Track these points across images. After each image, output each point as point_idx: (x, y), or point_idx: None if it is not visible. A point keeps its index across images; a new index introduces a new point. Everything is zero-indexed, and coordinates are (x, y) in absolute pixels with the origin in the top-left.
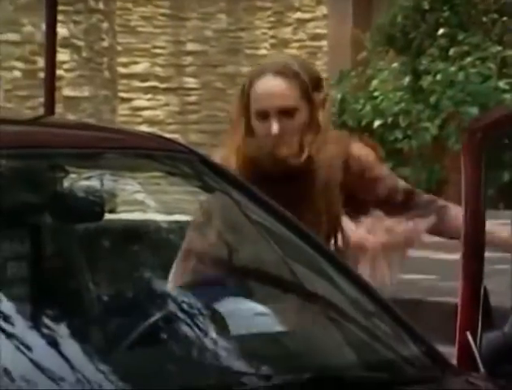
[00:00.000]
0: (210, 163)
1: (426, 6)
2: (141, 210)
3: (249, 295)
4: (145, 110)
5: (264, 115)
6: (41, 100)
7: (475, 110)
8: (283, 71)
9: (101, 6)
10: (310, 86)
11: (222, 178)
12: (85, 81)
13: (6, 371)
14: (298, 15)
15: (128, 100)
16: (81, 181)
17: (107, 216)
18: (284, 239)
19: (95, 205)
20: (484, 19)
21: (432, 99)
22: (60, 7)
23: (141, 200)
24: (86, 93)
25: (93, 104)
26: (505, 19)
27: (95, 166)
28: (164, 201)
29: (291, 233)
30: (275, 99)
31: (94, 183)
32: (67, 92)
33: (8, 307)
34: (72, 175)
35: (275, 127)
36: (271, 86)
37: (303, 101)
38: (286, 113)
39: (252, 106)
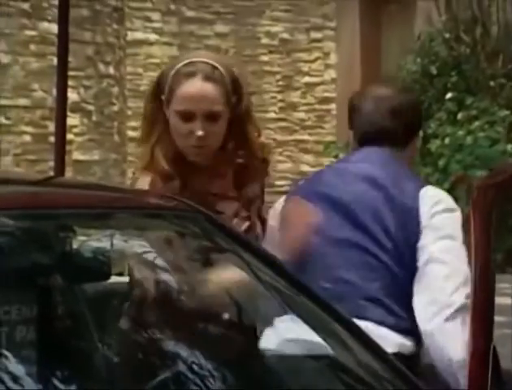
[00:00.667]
0: (215, 222)
1: (434, 71)
2: (151, 270)
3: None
4: None
5: (189, 117)
6: (51, 164)
7: (483, 174)
8: (213, 76)
9: (111, 71)
10: (231, 91)
11: (228, 237)
12: (95, 145)
13: None
14: (307, 79)
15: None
16: (89, 241)
17: (116, 279)
18: (292, 298)
19: (102, 265)
20: (492, 83)
21: (441, 163)
22: (71, 73)
23: (151, 260)
24: (96, 157)
25: (102, 167)
26: None
27: (102, 226)
28: (173, 261)
29: (299, 293)
30: (203, 102)
31: (102, 243)
32: (77, 156)
33: (17, 370)
34: (80, 236)
35: (200, 130)
36: (200, 90)
37: (226, 106)
38: (210, 117)
39: (174, 105)
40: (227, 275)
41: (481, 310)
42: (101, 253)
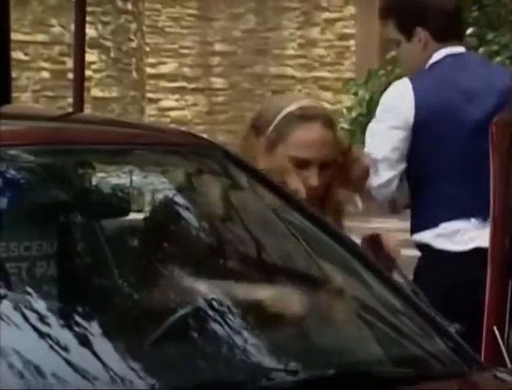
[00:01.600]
0: (234, 158)
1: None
2: (169, 209)
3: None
4: (173, 111)
5: (303, 163)
6: (70, 100)
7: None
8: (331, 122)
9: (129, 6)
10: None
11: (246, 173)
12: (113, 82)
13: (38, 369)
14: (326, 15)
15: (156, 100)
16: (108, 178)
17: (135, 215)
18: (310, 234)
19: (121, 201)
20: None
21: None
22: (89, 8)
23: (170, 197)
24: (114, 94)
25: (121, 104)
26: None
27: (121, 163)
28: (192, 198)
29: (318, 229)
30: (322, 151)
31: (121, 179)
32: (96, 92)
33: (38, 305)
34: (99, 172)
35: (315, 180)
36: (321, 136)
37: (338, 153)
38: (325, 165)
39: (287, 149)
40: None
41: (500, 245)
42: (121, 190)
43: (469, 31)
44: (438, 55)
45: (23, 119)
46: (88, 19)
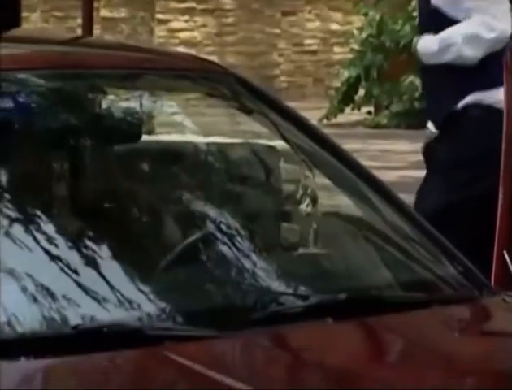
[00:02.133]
0: (245, 83)
1: None
2: (179, 132)
3: (287, 215)
4: (183, 32)
5: None
6: (79, 21)
7: None
8: None
9: None
10: None
11: (258, 98)
12: (123, 2)
13: (49, 291)
14: None
15: (166, 21)
16: (120, 102)
17: (145, 138)
18: (321, 159)
19: (132, 125)
20: None
21: None
22: None
23: (179, 121)
24: (123, 14)
25: (130, 25)
26: None
27: (134, 87)
28: (202, 123)
29: (328, 154)
30: None
31: (132, 104)
32: (105, 13)
33: (50, 228)
34: (111, 96)
35: None
36: None
37: None
38: None
39: None
40: None
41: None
42: (132, 114)
43: None
44: None
45: (33, 42)
46: None
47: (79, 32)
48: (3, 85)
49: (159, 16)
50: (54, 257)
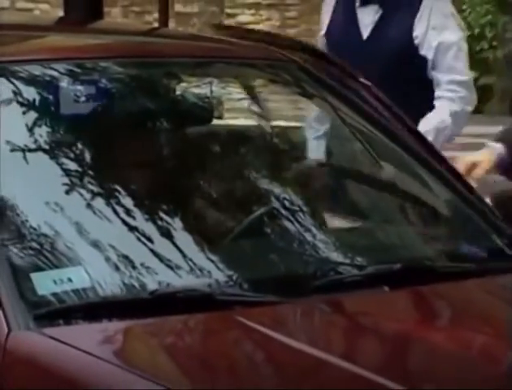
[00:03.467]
0: (308, 70)
1: None
2: (246, 116)
3: (343, 192)
4: (249, 25)
5: None
6: (156, 15)
7: None
8: None
9: None
10: None
11: (320, 84)
12: None
13: (129, 260)
14: None
15: (234, 15)
16: (192, 88)
17: (215, 122)
18: (378, 142)
19: (203, 110)
20: None
21: None
22: None
23: (246, 106)
24: (196, 9)
25: (201, 19)
26: None
27: (204, 75)
28: (267, 108)
29: (385, 137)
30: None
31: (204, 90)
32: (179, 8)
33: (130, 204)
34: (184, 83)
35: None
36: None
37: None
38: None
39: None
40: None
41: None
42: (203, 99)
43: None
44: None
45: (114, 33)
46: None
47: (155, 25)
48: (89, 73)
49: (228, 11)
50: (134, 230)
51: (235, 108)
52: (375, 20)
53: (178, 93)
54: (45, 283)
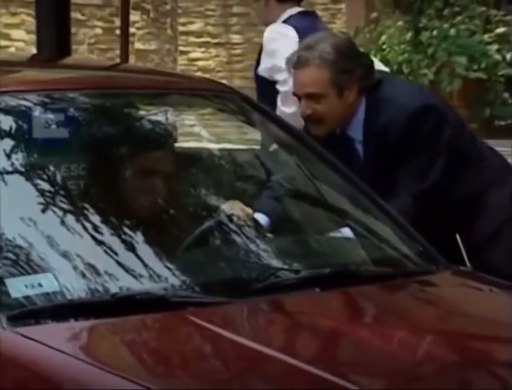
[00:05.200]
0: (249, 101)
1: None
2: (197, 140)
3: (281, 206)
4: (200, 61)
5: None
6: (118, 52)
7: (464, 60)
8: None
9: None
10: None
11: (260, 113)
12: (152, 37)
13: (93, 267)
14: None
15: (186, 52)
16: (149, 116)
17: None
18: (308, 159)
19: (162, 135)
20: None
21: (430, 51)
22: None
23: (197, 132)
24: (153, 47)
25: (158, 56)
26: None
27: (160, 104)
28: (215, 133)
29: (313, 155)
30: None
31: (159, 117)
32: (138, 45)
33: (94, 218)
34: (142, 112)
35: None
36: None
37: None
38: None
39: None
40: None
41: None
42: (159, 126)
43: None
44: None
45: (81, 68)
46: None
47: (117, 60)
48: (58, 103)
49: (181, 48)
50: (98, 241)
51: (187, 133)
52: None
53: (138, 120)
54: (18, 288)
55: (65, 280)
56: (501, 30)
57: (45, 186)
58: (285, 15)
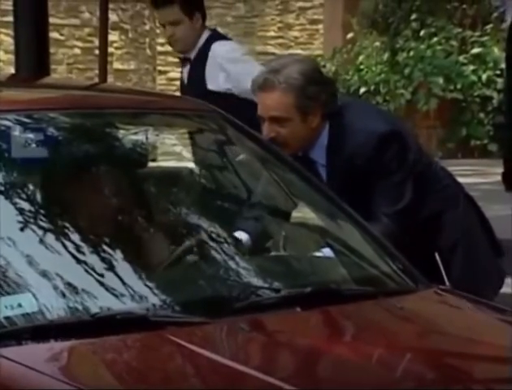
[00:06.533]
0: (229, 120)
1: None
2: (177, 159)
3: (261, 225)
4: (178, 81)
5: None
6: (96, 72)
7: (440, 80)
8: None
9: None
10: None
11: (239, 131)
12: (131, 57)
13: (73, 287)
14: (300, 3)
15: (165, 72)
16: (129, 136)
17: (150, 164)
18: (287, 177)
19: (140, 156)
20: (448, 6)
21: (406, 71)
22: None
23: (178, 151)
24: (132, 67)
25: (137, 75)
26: (464, 6)
27: (139, 124)
28: (194, 152)
29: (293, 173)
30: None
31: (139, 137)
32: (117, 65)
33: (74, 237)
34: (122, 131)
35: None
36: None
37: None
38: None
39: None
40: None
41: None
42: (139, 145)
43: (413, 16)
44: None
45: (60, 88)
46: (110, 6)
47: (96, 80)
48: (38, 122)
49: (160, 68)
50: (78, 261)
51: (168, 152)
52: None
53: (118, 139)
54: None
55: (45, 300)
56: (476, 51)
57: (25, 205)
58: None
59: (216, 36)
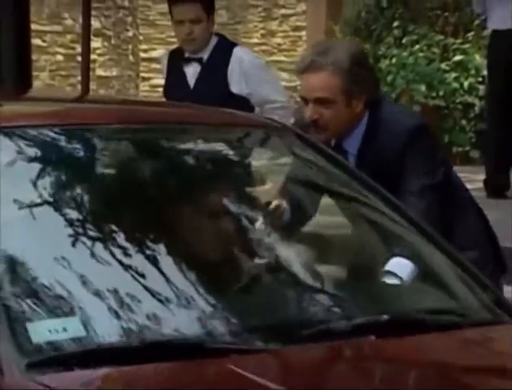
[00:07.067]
0: (301, 137)
1: (384, 3)
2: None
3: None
4: (161, 87)
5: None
6: (79, 78)
7: (422, 87)
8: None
9: (126, 3)
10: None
11: (312, 149)
12: (114, 64)
13: (125, 311)
14: (283, 11)
15: (148, 79)
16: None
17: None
18: (363, 199)
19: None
20: (430, 14)
21: (389, 78)
22: (94, 4)
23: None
24: (114, 73)
25: (119, 82)
26: (446, 14)
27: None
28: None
29: (370, 193)
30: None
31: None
32: (100, 72)
33: (124, 258)
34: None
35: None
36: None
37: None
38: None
39: None
40: None
41: None
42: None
43: (395, 24)
44: None
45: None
46: (93, 13)
47: (79, 87)
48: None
49: (143, 75)
50: (131, 281)
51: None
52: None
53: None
54: (40, 333)
55: (93, 324)
56: (458, 58)
57: (72, 223)
58: None
59: (228, 41)
